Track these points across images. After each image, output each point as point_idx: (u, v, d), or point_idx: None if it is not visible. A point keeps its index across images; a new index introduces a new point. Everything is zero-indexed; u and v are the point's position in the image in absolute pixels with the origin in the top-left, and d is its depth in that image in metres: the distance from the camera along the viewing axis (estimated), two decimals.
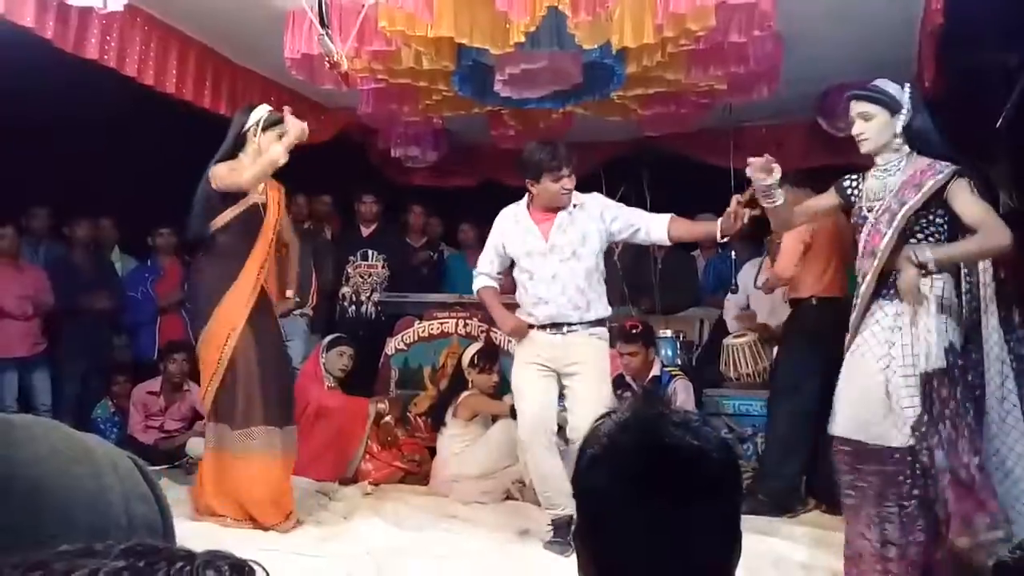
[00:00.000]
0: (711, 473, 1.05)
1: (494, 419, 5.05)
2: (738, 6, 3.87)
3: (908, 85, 3.21)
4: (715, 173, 6.14)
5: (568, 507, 3.65)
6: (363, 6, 3.67)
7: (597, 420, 1.14)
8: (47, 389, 5.91)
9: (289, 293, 4.49)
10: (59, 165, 6.05)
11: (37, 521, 0.60)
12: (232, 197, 4.06)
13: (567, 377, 3.93)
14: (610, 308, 4.11)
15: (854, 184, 3.36)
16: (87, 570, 0.50)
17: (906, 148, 3.19)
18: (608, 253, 6.84)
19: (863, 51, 4.83)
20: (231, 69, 5.13)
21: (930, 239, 3.08)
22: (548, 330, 3.95)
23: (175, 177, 4.34)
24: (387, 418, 5.31)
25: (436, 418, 5.17)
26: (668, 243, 3.97)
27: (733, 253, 6.15)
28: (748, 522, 4.02)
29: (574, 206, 3.99)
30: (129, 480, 0.67)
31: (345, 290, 6.36)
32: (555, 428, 3.93)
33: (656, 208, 4.17)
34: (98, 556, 0.51)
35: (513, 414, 4.92)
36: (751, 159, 3.42)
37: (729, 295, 5.85)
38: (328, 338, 5.57)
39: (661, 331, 5.70)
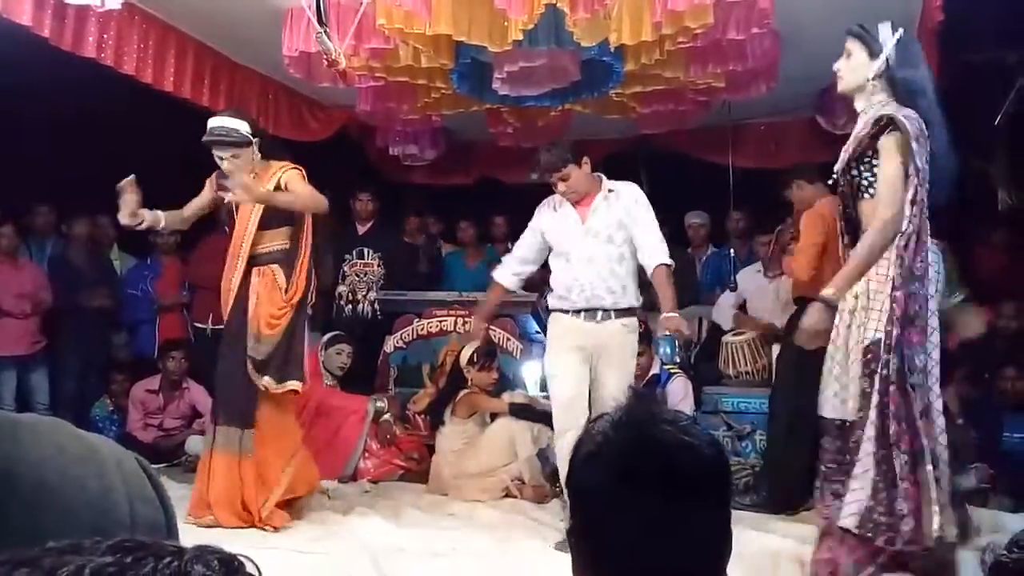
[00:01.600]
0: (702, 470, 1.06)
1: (493, 417, 5.04)
2: (736, 3, 3.88)
3: (901, 32, 2.94)
4: (714, 170, 6.15)
5: None
6: (361, 4, 3.67)
7: (591, 419, 1.16)
8: (45, 388, 5.90)
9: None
10: (59, 163, 6.04)
11: (40, 522, 0.60)
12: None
13: (598, 366, 3.96)
14: (641, 300, 4.11)
15: None
16: (74, 566, 0.50)
17: (882, 97, 2.90)
18: None
19: None
20: (229, 67, 5.13)
21: (871, 192, 2.87)
22: (583, 315, 3.97)
23: (175, 175, 4.33)
24: (386, 416, 5.32)
25: (435, 416, 5.17)
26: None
27: (732, 251, 6.16)
28: (749, 519, 4.07)
29: (609, 191, 4.03)
30: (134, 481, 0.67)
31: (342, 288, 6.35)
32: (586, 415, 3.83)
33: (655, 206, 4.16)
34: (85, 552, 0.51)
35: (512, 412, 4.93)
36: None
37: (725, 292, 5.85)
38: (326, 336, 5.57)
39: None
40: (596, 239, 3.97)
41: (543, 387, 5.84)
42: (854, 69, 2.98)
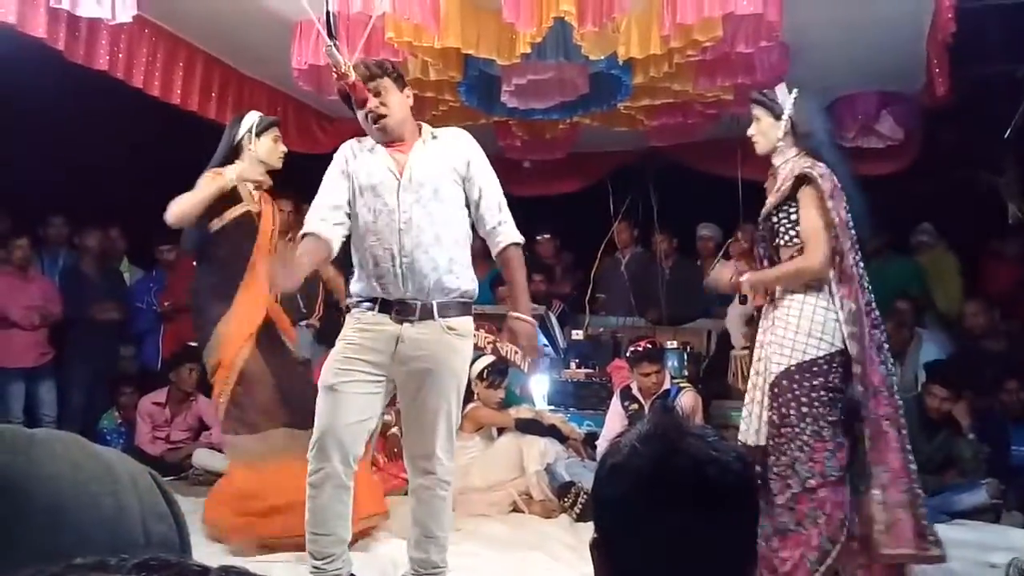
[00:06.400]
0: (729, 484, 1.06)
1: (500, 432, 5.02)
2: (745, 17, 3.88)
3: (796, 92, 3.28)
4: (722, 183, 6.14)
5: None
6: (370, 17, 3.68)
7: (617, 435, 1.15)
8: (52, 399, 5.90)
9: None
10: (71, 176, 6.08)
11: (55, 540, 0.59)
12: (221, 205, 3.86)
13: (409, 386, 2.99)
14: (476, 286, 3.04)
15: None
16: None
17: (793, 151, 3.23)
18: (615, 263, 6.92)
19: (870, 62, 4.84)
20: (237, 79, 5.15)
21: (794, 240, 3.16)
22: (393, 312, 2.93)
23: (185, 188, 4.33)
24: (393, 429, 5.29)
25: None
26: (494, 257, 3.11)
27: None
28: None
29: (433, 136, 3.02)
30: (148, 498, 0.66)
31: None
32: (359, 454, 3.04)
33: (664, 219, 4.13)
34: (111, 570, 0.50)
35: (518, 427, 4.91)
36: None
37: (732, 305, 5.83)
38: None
39: (668, 342, 5.69)
40: (418, 194, 2.88)
41: (550, 401, 5.83)
42: (764, 133, 3.30)
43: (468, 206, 3.02)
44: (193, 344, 6.07)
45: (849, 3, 4.19)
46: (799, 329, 3.07)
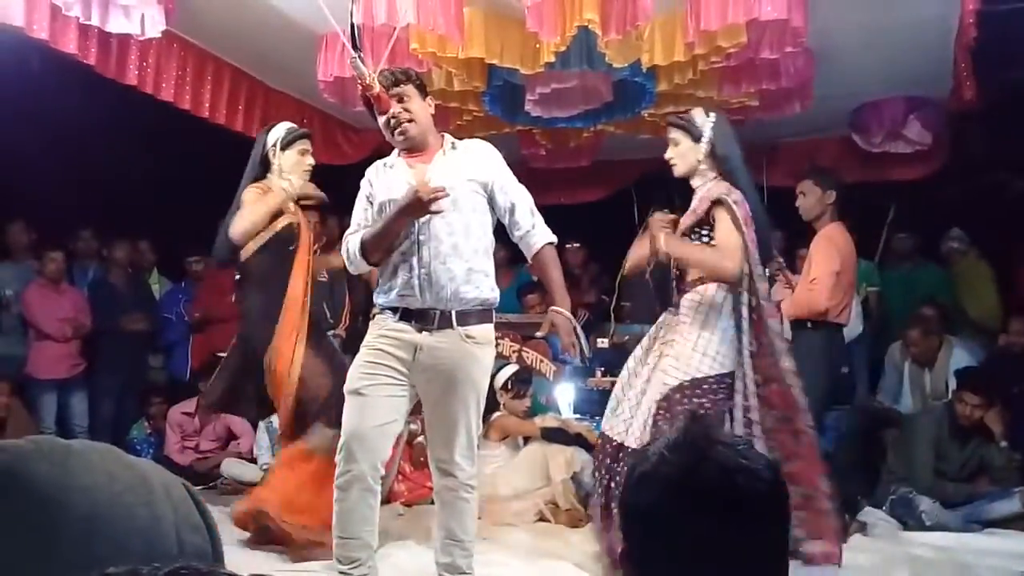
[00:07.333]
0: (759, 492, 1.05)
1: (526, 440, 5.02)
2: (769, 23, 3.86)
3: (714, 115, 3.36)
4: None
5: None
6: (395, 29, 3.71)
7: (647, 444, 1.14)
8: (84, 410, 5.97)
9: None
10: (100, 189, 6.16)
11: (90, 550, 0.60)
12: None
13: (430, 394, 3.03)
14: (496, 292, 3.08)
15: None
16: None
17: (712, 175, 3.33)
18: (640, 271, 6.88)
19: (897, 66, 4.80)
20: (264, 92, 5.21)
21: None
22: (413, 320, 2.97)
23: (213, 200, 4.39)
24: (420, 438, 5.30)
25: None
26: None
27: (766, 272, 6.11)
28: None
29: (453, 147, 3.05)
30: (182, 508, 0.67)
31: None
32: (384, 458, 3.06)
33: None
34: None
35: (544, 435, 4.90)
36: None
37: None
38: None
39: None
40: (436, 205, 2.86)
41: (576, 409, 5.81)
42: (683, 155, 3.37)
43: (496, 215, 3.06)
44: (222, 354, 6.14)
45: (875, 8, 4.16)
46: (696, 347, 3.20)
